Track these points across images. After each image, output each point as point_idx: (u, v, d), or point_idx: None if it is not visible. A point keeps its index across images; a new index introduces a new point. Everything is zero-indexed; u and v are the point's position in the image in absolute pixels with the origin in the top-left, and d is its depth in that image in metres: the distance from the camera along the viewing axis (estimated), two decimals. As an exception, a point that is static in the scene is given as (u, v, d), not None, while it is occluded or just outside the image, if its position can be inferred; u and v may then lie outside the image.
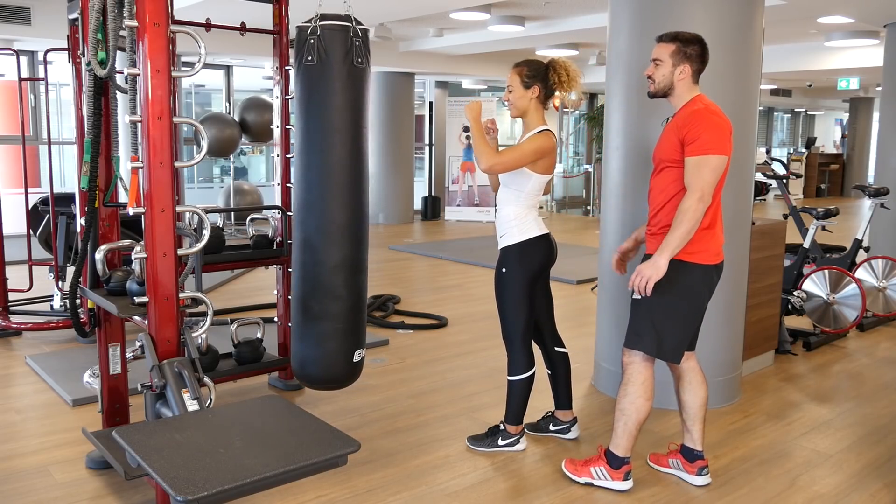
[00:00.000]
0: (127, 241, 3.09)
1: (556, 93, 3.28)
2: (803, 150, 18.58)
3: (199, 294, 2.82)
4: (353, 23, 3.10)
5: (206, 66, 7.41)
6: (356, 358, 3.30)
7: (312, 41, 3.05)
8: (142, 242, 2.71)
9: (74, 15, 3.10)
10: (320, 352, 3.24)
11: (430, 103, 13.98)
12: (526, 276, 3.27)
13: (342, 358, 3.26)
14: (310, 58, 3.07)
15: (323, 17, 3.07)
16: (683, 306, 2.92)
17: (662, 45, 2.92)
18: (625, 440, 3.01)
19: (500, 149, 3.27)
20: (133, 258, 2.78)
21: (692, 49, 2.89)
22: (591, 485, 3.06)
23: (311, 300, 3.21)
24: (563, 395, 3.56)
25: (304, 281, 3.24)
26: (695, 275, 2.88)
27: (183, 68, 5.29)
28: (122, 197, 2.96)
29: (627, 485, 3.05)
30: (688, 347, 3.05)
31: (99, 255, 2.97)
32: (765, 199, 16.97)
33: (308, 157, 3.18)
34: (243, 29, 4.13)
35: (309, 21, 3.09)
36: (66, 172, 10.86)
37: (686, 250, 2.83)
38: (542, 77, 3.23)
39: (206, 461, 2.00)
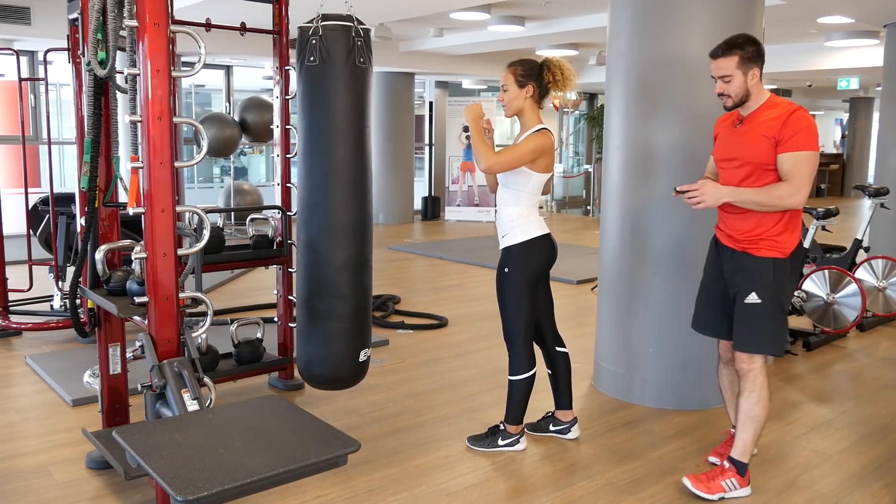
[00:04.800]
0: (127, 241, 3.09)
1: (553, 92, 3.29)
2: (803, 150, 18.54)
3: (199, 294, 2.82)
4: (355, 23, 3.10)
5: (206, 66, 7.41)
6: (362, 357, 3.30)
7: (314, 42, 3.05)
8: (142, 242, 2.71)
9: (74, 15, 3.10)
10: (326, 352, 3.25)
11: (430, 103, 13.98)
12: (528, 276, 3.27)
13: (348, 358, 3.27)
14: (312, 58, 3.07)
15: (325, 17, 3.07)
16: (788, 300, 3.01)
17: (724, 59, 2.87)
18: (751, 446, 3.03)
19: (498, 149, 3.28)
20: (133, 258, 2.78)
21: (752, 51, 2.87)
22: (723, 499, 3.00)
23: (317, 300, 3.22)
24: (563, 396, 3.56)
25: (309, 281, 3.24)
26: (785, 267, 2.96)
27: (183, 68, 5.29)
28: (122, 197, 2.96)
29: (750, 490, 3.06)
30: None
31: (99, 255, 2.97)
32: (765, 199, 16.94)
33: (311, 158, 3.18)
34: (243, 29, 4.13)
35: (311, 21, 3.09)
36: (66, 172, 10.85)
37: (778, 247, 2.91)
38: (536, 76, 3.23)
39: (206, 461, 2.00)
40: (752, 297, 2.93)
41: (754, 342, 2.96)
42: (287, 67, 4.03)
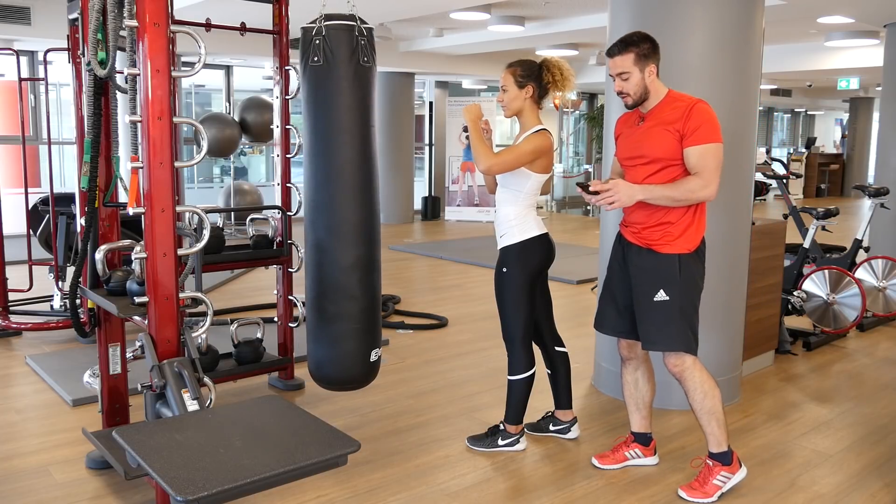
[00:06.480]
0: (127, 241, 3.09)
1: (552, 92, 3.29)
2: (803, 150, 18.60)
3: (199, 294, 2.82)
4: (358, 22, 3.10)
5: (206, 66, 7.41)
6: (373, 357, 3.30)
7: (318, 42, 3.06)
8: (142, 242, 2.71)
9: (74, 15, 3.10)
10: (337, 352, 3.25)
11: (430, 103, 13.99)
12: (526, 276, 3.27)
13: (359, 358, 3.27)
14: (316, 58, 3.07)
15: (327, 17, 3.07)
16: (698, 297, 3.01)
17: (620, 57, 2.91)
18: (722, 434, 3.02)
19: (497, 149, 3.28)
20: (133, 258, 2.78)
21: (647, 48, 2.91)
22: (722, 495, 3.00)
23: (326, 301, 3.22)
24: (563, 395, 3.56)
25: (318, 282, 3.24)
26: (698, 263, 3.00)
27: (183, 68, 5.29)
28: (122, 197, 2.96)
29: (745, 470, 3.08)
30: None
31: (99, 255, 2.97)
32: (765, 199, 16.97)
33: (316, 158, 3.18)
34: (243, 29, 4.13)
35: (313, 22, 3.09)
36: (66, 172, 10.86)
37: (682, 243, 2.93)
38: (535, 76, 3.24)
39: (206, 461, 2.00)
40: (661, 295, 2.93)
41: (664, 339, 2.96)
42: (287, 67, 4.03)
